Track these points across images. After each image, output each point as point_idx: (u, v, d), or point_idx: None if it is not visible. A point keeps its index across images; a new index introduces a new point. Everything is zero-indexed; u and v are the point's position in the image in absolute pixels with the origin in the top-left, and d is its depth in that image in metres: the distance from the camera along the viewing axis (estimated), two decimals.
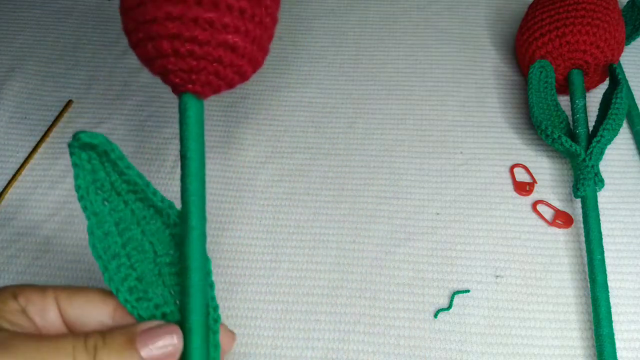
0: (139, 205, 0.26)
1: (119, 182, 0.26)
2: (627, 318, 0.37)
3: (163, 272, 0.26)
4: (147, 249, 0.26)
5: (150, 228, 0.26)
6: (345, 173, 0.44)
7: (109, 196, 0.25)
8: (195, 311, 0.24)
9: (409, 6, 0.56)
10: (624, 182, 0.43)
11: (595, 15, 0.44)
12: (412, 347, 0.36)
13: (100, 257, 0.24)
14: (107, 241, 0.25)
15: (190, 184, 0.25)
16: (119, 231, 0.25)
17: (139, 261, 0.25)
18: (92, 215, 0.24)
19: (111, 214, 0.25)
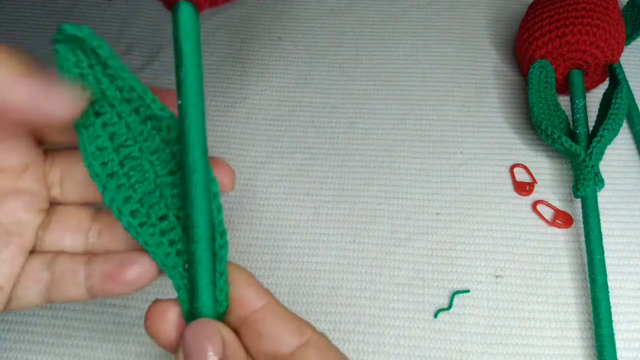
0: (135, 118, 0.23)
1: (111, 90, 0.22)
2: (627, 318, 0.37)
3: (165, 194, 0.23)
4: (146, 169, 0.23)
5: (148, 145, 0.23)
6: (345, 173, 0.44)
7: (100, 107, 0.22)
8: (199, 239, 0.22)
9: (409, 6, 0.56)
10: (624, 182, 0.43)
11: (595, 15, 0.44)
12: (412, 347, 0.36)
13: (97, 176, 0.22)
14: (102, 157, 0.22)
15: (187, 95, 0.21)
16: (115, 148, 0.22)
17: (139, 182, 0.23)
18: (82, 128, 0.22)
19: (104, 127, 0.22)
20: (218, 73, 0.51)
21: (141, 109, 0.23)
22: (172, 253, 0.22)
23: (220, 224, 0.23)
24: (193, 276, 0.21)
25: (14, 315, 0.38)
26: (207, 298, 0.21)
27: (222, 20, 0.55)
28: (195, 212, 0.21)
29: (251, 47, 0.53)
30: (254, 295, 0.21)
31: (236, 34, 0.54)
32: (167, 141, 0.23)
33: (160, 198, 0.23)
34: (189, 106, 0.21)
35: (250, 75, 0.51)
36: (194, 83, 0.21)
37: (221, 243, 0.22)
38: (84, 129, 0.22)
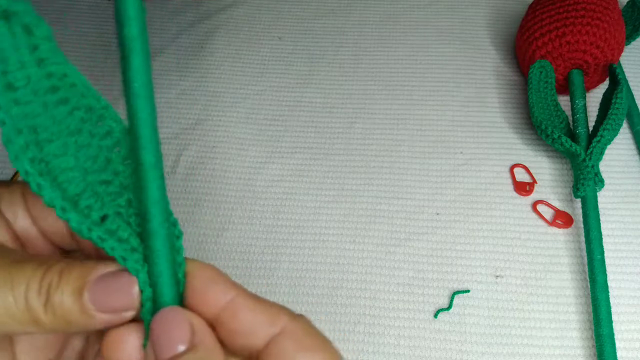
0: (62, 110, 0.21)
1: (38, 76, 0.20)
2: (627, 318, 0.37)
3: (99, 192, 0.21)
4: (72, 166, 0.21)
5: (75, 139, 0.21)
6: (345, 173, 0.44)
7: (22, 96, 0.20)
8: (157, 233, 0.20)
9: (409, 6, 0.56)
10: (624, 182, 0.43)
11: (595, 15, 0.44)
12: (412, 347, 0.36)
13: (27, 173, 0.20)
14: (30, 153, 0.20)
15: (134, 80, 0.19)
16: (38, 142, 0.20)
17: (65, 181, 0.21)
18: (7, 117, 0.19)
19: (26, 118, 0.20)
20: (218, 73, 0.51)
21: (71, 99, 0.21)
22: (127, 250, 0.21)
23: (171, 214, 0.21)
24: (153, 272, 0.20)
25: None
26: (170, 291, 0.20)
27: (222, 20, 0.55)
28: (151, 205, 0.20)
29: (251, 47, 0.53)
30: (219, 292, 0.20)
31: (236, 34, 0.54)
32: (94, 135, 0.21)
33: (96, 197, 0.21)
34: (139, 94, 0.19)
35: (250, 75, 0.51)
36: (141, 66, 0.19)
37: (177, 233, 0.21)
38: (9, 120, 0.19)
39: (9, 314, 0.18)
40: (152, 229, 0.20)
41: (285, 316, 0.20)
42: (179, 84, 0.50)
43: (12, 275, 0.19)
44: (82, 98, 0.21)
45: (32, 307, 0.19)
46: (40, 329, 0.19)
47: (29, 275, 0.19)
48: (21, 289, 0.19)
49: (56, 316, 0.19)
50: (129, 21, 0.19)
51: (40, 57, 0.20)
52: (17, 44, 0.19)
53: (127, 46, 0.19)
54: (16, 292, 0.19)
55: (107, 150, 0.22)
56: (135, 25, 0.19)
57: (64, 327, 0.19)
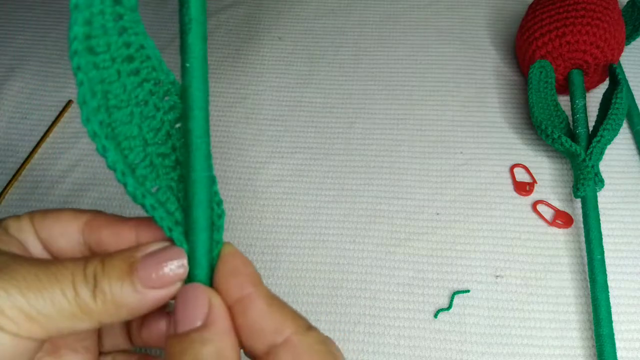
0: (133, 80, 0.21)
1: (117, 44, 0.20)
2: (627, 318, 0.37)
3: (155, 164, 0.22)
4: (135, 135, 0.22)
5: (140, 110, 0.22)
6: (345, 173, 0.44)
7: (101, 61, 0.20)
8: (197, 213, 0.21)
9: (409, 6, 0.56)
10: (624, 182, 0.43)
11: (595, 15, 0.44)
12: (412, 347, 0.36)
13: (97, 135, 0.20)
14: (100, 116, 0.20)
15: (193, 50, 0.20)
16: (108, 107, 0.21)
17: (127, 148, 0.21)
18: (85, 79, 0.20)
19: (101, 83, 0.20)
20: (218, 73, 0.51)
21: (142, 70, 0.22)
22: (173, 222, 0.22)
23: (217, 194, 0.22)
24: (191, 243, 0.21)
25: None
26: (204, 265, 0.21)
27: (222, 20, 0.55)
28: (196, 181, 0.21)
29: (251, 47, 0.53)
30: (237, 284, 0.20)
31: (236, 34, 0.54)
32: (159, 108, 0.22)
33: (152, 167, 0.22)
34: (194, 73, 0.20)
35: (250, 75, 0.51)
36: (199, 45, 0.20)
37: (219, 212, 0.22)
38: (87, 82, 0.20)
39: (58, 309, 0.18)
40: (196, 202, 0.21)
41: (294, 327, 0.20)
42: None
43: (54, 272, 0.19)
44: (152, 71, 0.22)
45: (81, 296, 0.19)
46: (91, 320, 0.19)
47: (71, 268, 0.19)
48: (67, 279, 0.19)
49: (106, 302, 0.19)
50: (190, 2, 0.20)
51: (122, 25, 0.20)
52: (104, 10, 0.20)
53: (185, 26, 0.20)
54: (63, 284, 0.19)
55: (169, 125, 0.22)
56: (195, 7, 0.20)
57: (113, 312, 0.19)
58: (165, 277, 0.20)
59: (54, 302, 0.18)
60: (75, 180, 0.44)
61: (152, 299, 0.19)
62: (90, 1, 0.19)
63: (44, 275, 0.19)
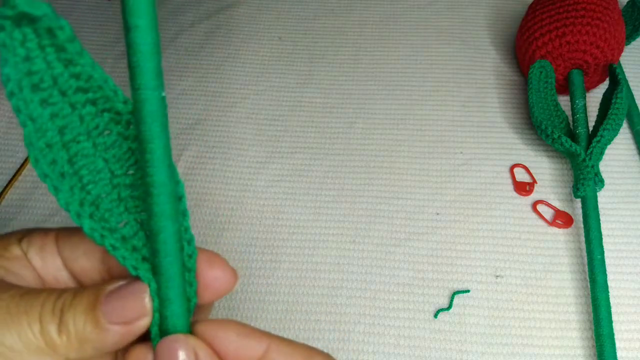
0: (90, 110, 0.20)
1: (64, 77, 0.19)
2: (627, 318, 0.37)
3: (123, 196, 0.21)
4: (100, 168, 0.20)
5: (103, 141, 0.20)
6: (345, 173, 0.44)
7: (49, 96, 0.19)
8: (165, 250, 0.19)
9: (409, 6, 0.56)
10: (624, 182, 0.43)
11: (595, 15, 0.44)
12: (412, 347, 0.36)
13: (46, 176, 0.19)
14: (51, 155, 0.19)
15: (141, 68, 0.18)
16: (64, 143, 0.20)
17: (91, 182, 0.20)
18: (28, 120, 0.19)
19: (53, 120, 0.19)
20: (218, 73, 0.51)
21: (99, 101, 0.20)
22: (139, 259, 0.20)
23: (187, 231, 0.21)
24: (161, 288, 0.20)
25: None
26: (178, 309, 0.20)
27: (222, 20, 0.55)
28: (162, 220, 0.19)
29: (251, 47, 0.53)
30: (253, 345, 0.20)
31: (236, 34, 0.54)
32: (126, 137, 0.21)
33: (119, 201, 0.21)
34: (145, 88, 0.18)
35: (250, 75, 0.51)
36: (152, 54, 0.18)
37: (189, 252, 0.20)
38: (30, 122, 0.19)
39: (24, 341, 0.18)
40: (162, 247, 0.19)
41: (319, 354, 0.20)
42: (179, 84, 0.50)
43: (26, 302, 0.19)
44: (108, 101, 0.21)
45: (46, 331, 0.18)
46: (57, 355, 0.19)
47: (43, 299, 0.19)
48: (35, 312, 0.18)
49: (70, 337, 0.18)
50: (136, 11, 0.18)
51: (66, 58, 0.19)
52: (42, 44, 0.19)
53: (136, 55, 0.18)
54: (30, 316, 0.18)
55: (136, 153, 0.21)
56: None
57: (78, 348, 0.19)
58: (127, 312, 0.19)
59: (21, 336, 0.18)
60: None
61: (115, 335, 0.19)
62: (24, 39, 0.18)
63: (15, 307, 0.18)
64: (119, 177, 0.21)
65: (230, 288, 0.21)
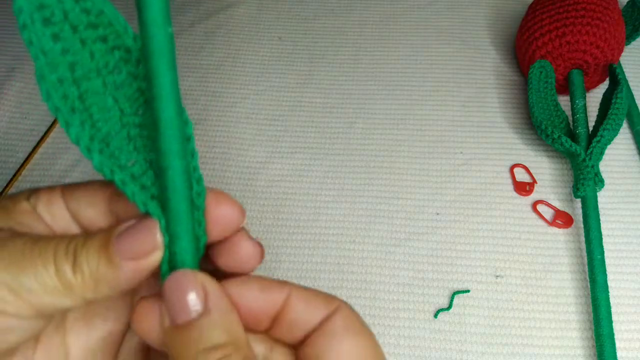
0: (100, 47, 0.20)
1: (75, 12, 0.19)
2: (627, 318, 0.37)
3: (132, 135, 0.21)
4: (110, 106, 0.20)
5: (113, 79, 0.20)
6: (345, 173, 0.44)
7: (61, 31, 0.19)
8: (174, 187, 0.20)
9: (409, 6, 0.56)
10: (624, 182, 0.43)
11: (595, 15, 0.44)
12: (412, 347, 0.36)
13: (58, 110, 0.19)
14: (62, 90, 0.19)
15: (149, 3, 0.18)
16: (75, 79, 0.20)
17: (101, 120, 0.20)
18: (40, 53, 0.19)
19: (64, 55, 0.19)
20: (218, 73, 0.51)
21: (109, 37, 0.20)
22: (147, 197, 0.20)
23: (196, 170, 0.21)
24: (170, 224, 0.20)
25: None
26: (187, 245, 0.20)
27: (222, 20, 0.55)
28: (170, 158, 0.19)
29: (251, 47, 0.53)
30: (274, 295, 0.21)
31: (236, 34, 0.54)
32: (136, 76, 0.21)
33: (128, 140, 0.21)
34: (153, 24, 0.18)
35: (250, 75, 0.51)
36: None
37: (198, 190, 0.20)
38: (42, 55, 0.19)
39: (40, 282, 0.19)
40: (170, 184, 0.20)
41: (338, 300, 0.21)
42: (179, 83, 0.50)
43: (40, 246, 0.19)
44: (118, 37, 0.20)
45: (61, 271, 0.19)
46: (74, 295, 0.19)
47: (55, 242, 0.19)
48: (49, 254, 0.19)
49: (84, 276, 0.19)
50: None
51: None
52: None
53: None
54: (45, 258, 0.19)
55: (145, 92, 0.21)
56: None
57: (93, 288, 0.19)
58: (139, 247, 0.19)
59: (37, 277, 0.18)
60: (75, 180, 0.44)
61: (129, 271, 0.19)
62: None
63: (29, 251, 0.19)
64: (129, 116, 0.21)
65: (238, 224, 0.21)
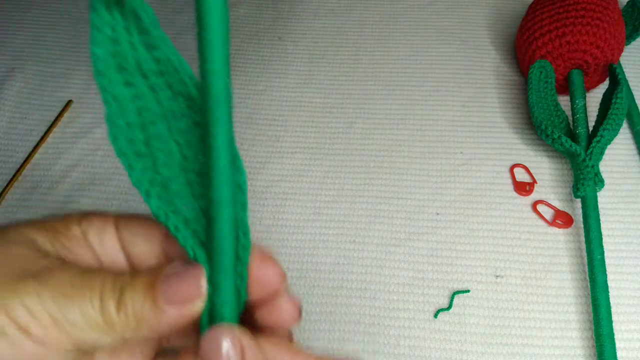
0: (167, 94, 0.21)
1: (147, 60, 0.20)
2: (627, 318, 0.37)
3: (191, 181, 0.21)
4: (173, 151, 0.21)
5: (178, 125, 0.21)
6: (345, 173, 0.44)
7: (133, 77, 0.20)
8: (220, 237, 0.20)
9: (409, 6, 0.56)
10: (624, 182, 0.43)
11: (595, 15, 0.44)
12: (412, 347, 0.36)
13: (123, 154, 0.20)
14: (129, 134, 0.20)
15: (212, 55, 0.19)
16: (142, 124, 0.20)
17: (163, 165, 0.21)
18: (112, 99, 0.20)
19: (134, 100, 0.20)
20: None
21: (175, 84, 0.21)
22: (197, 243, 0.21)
23: (244, 223, 0.21)
24: (214, 274, 0.20)
25: None
26: (228, 298, 0.20)
27: None
28: (219, 207, 0.20)
29: (251, 47, 0.53)
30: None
31: (236, 34, 0.54)
32: (198, 123, 0.21)
33: (187, 185, 0.21)
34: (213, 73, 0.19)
35: (250, 75, 0.51)
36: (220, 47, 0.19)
37: (244, 244, 0.21)
38: (113, 102, 0.20)
39: (84, 316, 0.19)
40: (217, 234, 0.20)
41: None
42: None
43: (87, 280, 0.19)
44: (183, 85, 0.21)
45: (106, 307, 0.19)
46: (114, 333, 0.19)
47: (103, 277, 0.19)
48: (97, 288, 0.19)
49: (128, 315, 0.19)
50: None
51: (149, 41, 0.20)
52: (128, 26, 0.19)
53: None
54: (92, 291, 0.19)
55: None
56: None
57: (135, 327, 0.19)
58: (183, 293, 0.19)
59: (82, 310, 0.18)
60: (75, 180, 0.44)
61: (171, 316, 0.19)
62: (113, 21, 0.19)
63: (78, 282, 0.19)
64: (189, 162, 0.21)
65: (277, 287, 0.21)
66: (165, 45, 0.20)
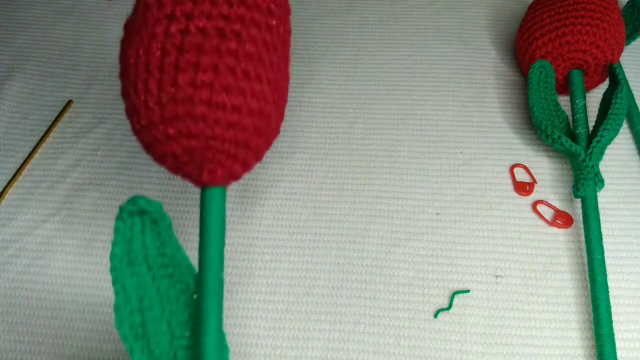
0: (166, 283, 0.25)
1: (154, 255, 0.24)
2: (627, 318, 0.37)
3: (179, 356, 0.24)
4: (164, 330, 0.24)
5: (171, 307, 0.25)
6: (345, 173, 0.44)
7: (139, 269, 0.24)
8: None
9: (409, 6, 0.56)
10: (624, 182, 0.43)
11: (595, 15, 0.44)
12: (412, 347, 0.36)
13: (126, 337, 0.23)
14: (131, 319, 0.23)
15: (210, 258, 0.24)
16: (141, 308, 0.24)
17: (154, 343, 0.24)
18: (121, 289, 0.23)
19: (137, 289, 0.24)
20: None
21: (175, 274, 0.25)
22: None
23: None
24: None
25: (14, 315, 0.38)
26: None
27: None
28: None
29: None
30: None
31: None
32: (188, 304, 0.25)
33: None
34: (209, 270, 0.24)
35: None
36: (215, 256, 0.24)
37: None
38: (122, 291, 0.23)
39: None
40: None
41: None
42: None
43: None
44: (182, 274, 0.25)
45: None
46: None
47: None
48: None
49: None
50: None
51: (160, 240, 0.24)
52: (144, 229, 0.23)
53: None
54: None
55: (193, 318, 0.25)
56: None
57: None
58: None
59: None
60: (75, 180, 0.44)
61: None
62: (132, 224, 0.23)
63: None
64: (178, 339, 0.24)
65: None
66: (172, 243, 0.24)
